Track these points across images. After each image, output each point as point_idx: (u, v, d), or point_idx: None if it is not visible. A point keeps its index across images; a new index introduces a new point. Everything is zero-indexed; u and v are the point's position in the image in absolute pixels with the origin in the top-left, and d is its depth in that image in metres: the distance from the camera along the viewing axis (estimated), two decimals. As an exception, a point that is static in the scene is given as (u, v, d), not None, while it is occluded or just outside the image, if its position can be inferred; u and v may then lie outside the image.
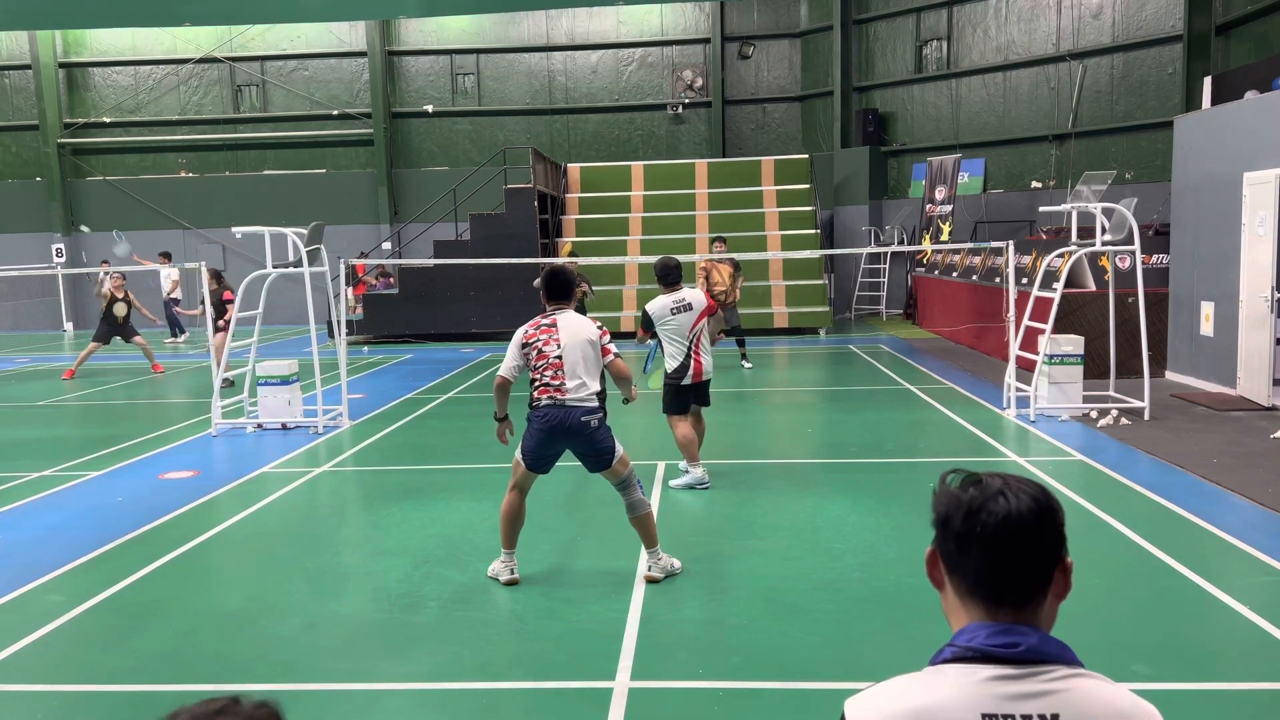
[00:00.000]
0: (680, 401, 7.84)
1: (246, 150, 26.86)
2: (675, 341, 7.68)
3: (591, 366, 5.71)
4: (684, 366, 7.72)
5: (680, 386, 7.78)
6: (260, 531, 7.16)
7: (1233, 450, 8.65)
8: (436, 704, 4.43)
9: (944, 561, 1.57)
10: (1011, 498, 1.52)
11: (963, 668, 1.49)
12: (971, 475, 1.58)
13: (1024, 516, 1.50)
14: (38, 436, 11.39)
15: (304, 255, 10.60)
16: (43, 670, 4.85)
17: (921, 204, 22.38)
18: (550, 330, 5.74)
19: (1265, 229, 10.45)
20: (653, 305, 7.71)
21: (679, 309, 7.64)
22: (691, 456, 7.85)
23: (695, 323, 7.69)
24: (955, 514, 1.54)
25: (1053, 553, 1.53)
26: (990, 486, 1.54)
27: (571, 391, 5.61)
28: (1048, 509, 1.53)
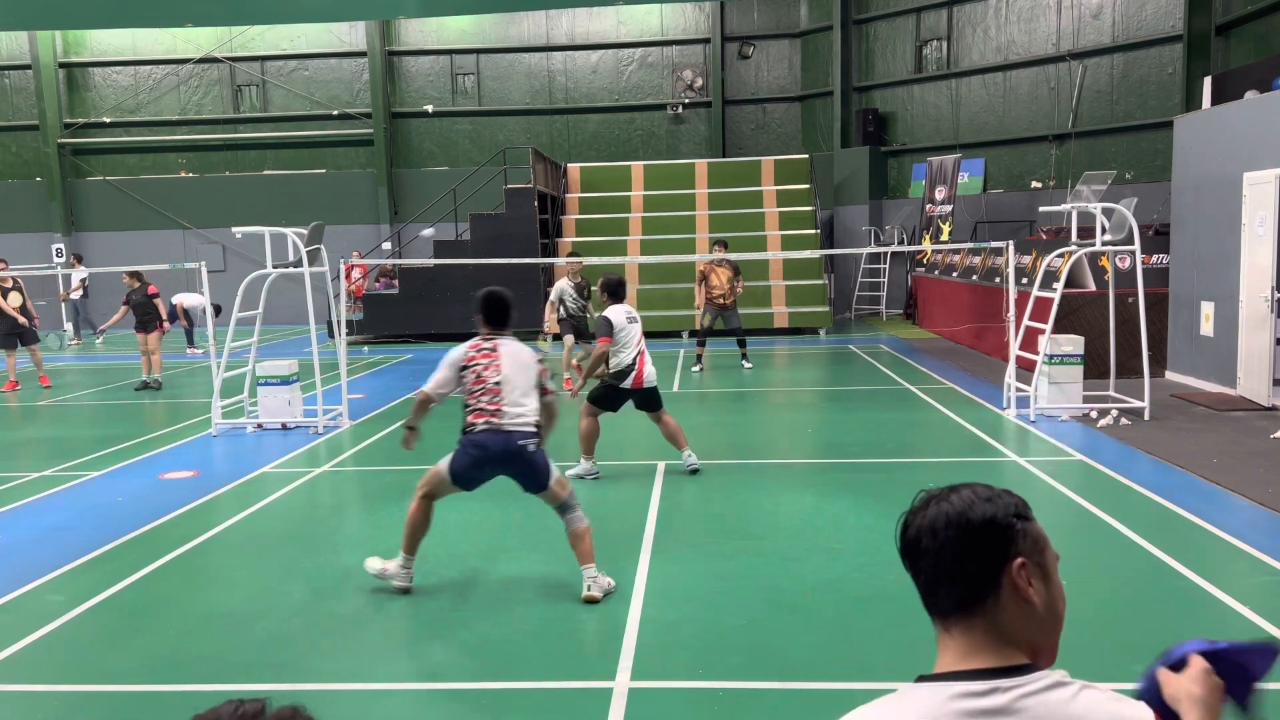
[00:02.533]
0: (608, 400, 8.28)
1: (246, 150, 26.86)
2: (623, 350, 8.19)
3: (530, 392, 5.71)
4: (627, 370, 8.16)
5: (617, 388, 8.21)
6: (260, 531, 7.15)
7: (1233, 450, 8.66)
8: (436, 704, 4.43)
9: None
10: (932, 507, 1.52)
11: (931, 686, 1.48)
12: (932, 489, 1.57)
13: (934, 524, 1.50)
14: (38, 436, 11.40)
15: (304, 255, 10.60)
16: (43, 670, 4.85)
17: (921, 204, 22.39)
18: (491, 355, 5.74)
19: (1265, 229, 10.45)
20: (613, 312, 8.26)
21: (632, 319, 8.30)
22: (588, 451, 8.41)
23: (640, 337, 8.32)
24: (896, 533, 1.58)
25: (985, 556, 1.47)
26: (928, 496, 1.55)
27: (509, 416, 5.55)
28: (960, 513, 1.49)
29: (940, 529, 1.49)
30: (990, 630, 1.48)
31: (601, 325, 8.23)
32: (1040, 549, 1.52)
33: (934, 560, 1.50)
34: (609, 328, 8.18)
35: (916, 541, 1.52)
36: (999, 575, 1.47)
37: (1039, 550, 1.52)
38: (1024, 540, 1.50)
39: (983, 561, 1.48)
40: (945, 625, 1.52)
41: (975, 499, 1.51)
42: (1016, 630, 1.48)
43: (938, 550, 1.49)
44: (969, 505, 1.50)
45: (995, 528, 1.48)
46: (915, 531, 1.52)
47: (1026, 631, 1.49)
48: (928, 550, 1.50)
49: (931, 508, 1.52)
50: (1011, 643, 1.48)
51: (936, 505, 1.52)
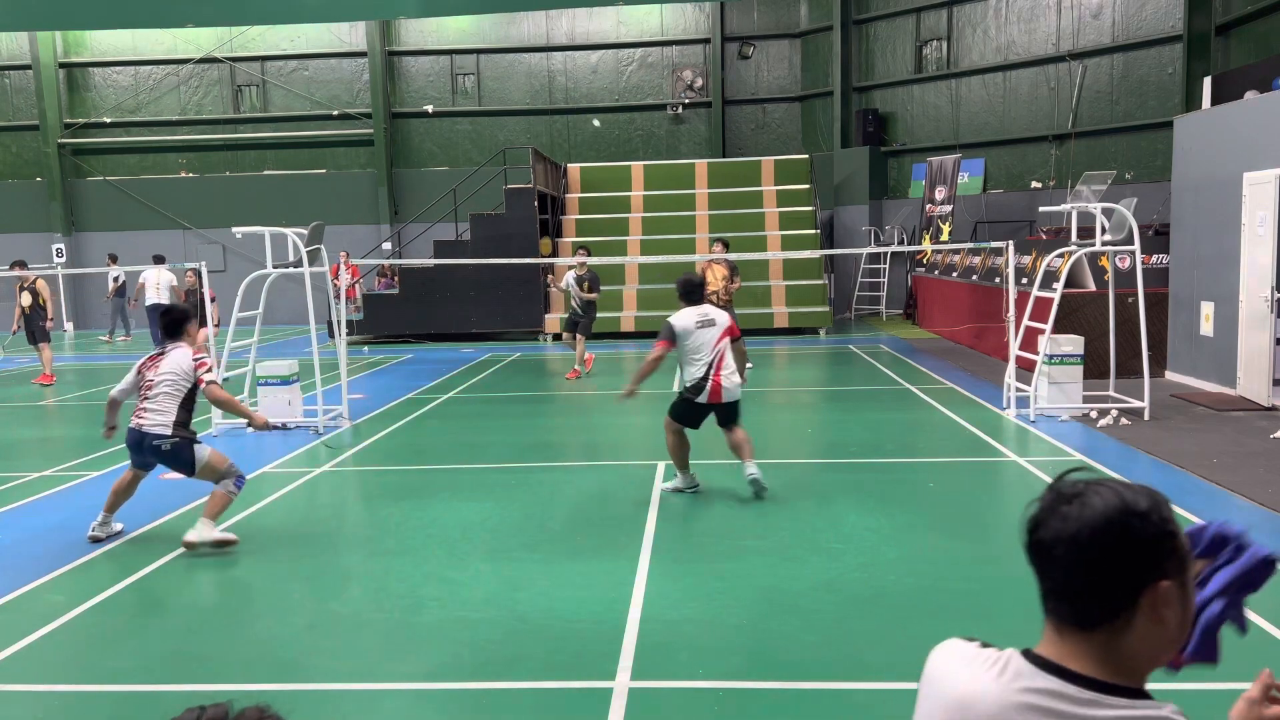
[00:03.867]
0: (688, 415, 7.54)
1: (246, 150, 26.86)
2: (692, 362, 7.40)
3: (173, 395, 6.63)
4: (701, 383, 7.38)
5: (694, 403, 7.45)
6: (260, 531, 7.15)
7: (1233, 450, 8.66)
8: (436, 704, 4.43)
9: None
10: (1076, 508, 1.37)
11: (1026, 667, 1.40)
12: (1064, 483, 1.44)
13: (1077, 535, 1.36)
14: (38, 436, 11.40)
15: (304, 255, 10.60)
16: (43, 670, 4.85)
17: (921, 204, 22.39)
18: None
19: (1265, 229, 10.45)
20: (678, 318, 7.46)
21: (703, 324, 7.41)
22: (682, 465, 7.67)
23: (718, 340, 7.43)
24: (1022, 525, 1.44)
25: (1125, 572, 1.35)
26: (1062, 495, 1.41)
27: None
28: (1119, 522, 1.35)
29: (1084, 542, 1.35)
30: (1109, 646, 1.38)
31: (662, 329, 7.51)
32: (1185, 564, 1.39)
33: (1067, 572, 1.37)
34: (669, 333, 7.42)
35: (1051, 548, 1.38)
36: (1138, 596, 1.35)
37: (1183, 567, 1.39)
38: (1172, 559, 1.37)
39: (1124, 583, 1.35)
40: (1058, 628, 1.41)
41: (1126, 509, 1.36)
42: (1137, 650, 1.38)
43: (1074, 563, 1.36)
44: (1118, 518, 1.35)
45: (1146, 548, 1.35)
46: (1052, 537, 1.38)
47: (1147, 651, 1.38)
48: (1062, 560, 1.37)
49: (1074, 510, 1.37)
50: (1127, 660, 1.38)
51: (1079, 508, 1.37)
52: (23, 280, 15.25)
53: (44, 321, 15.14)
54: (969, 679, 1.45)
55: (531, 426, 10.99)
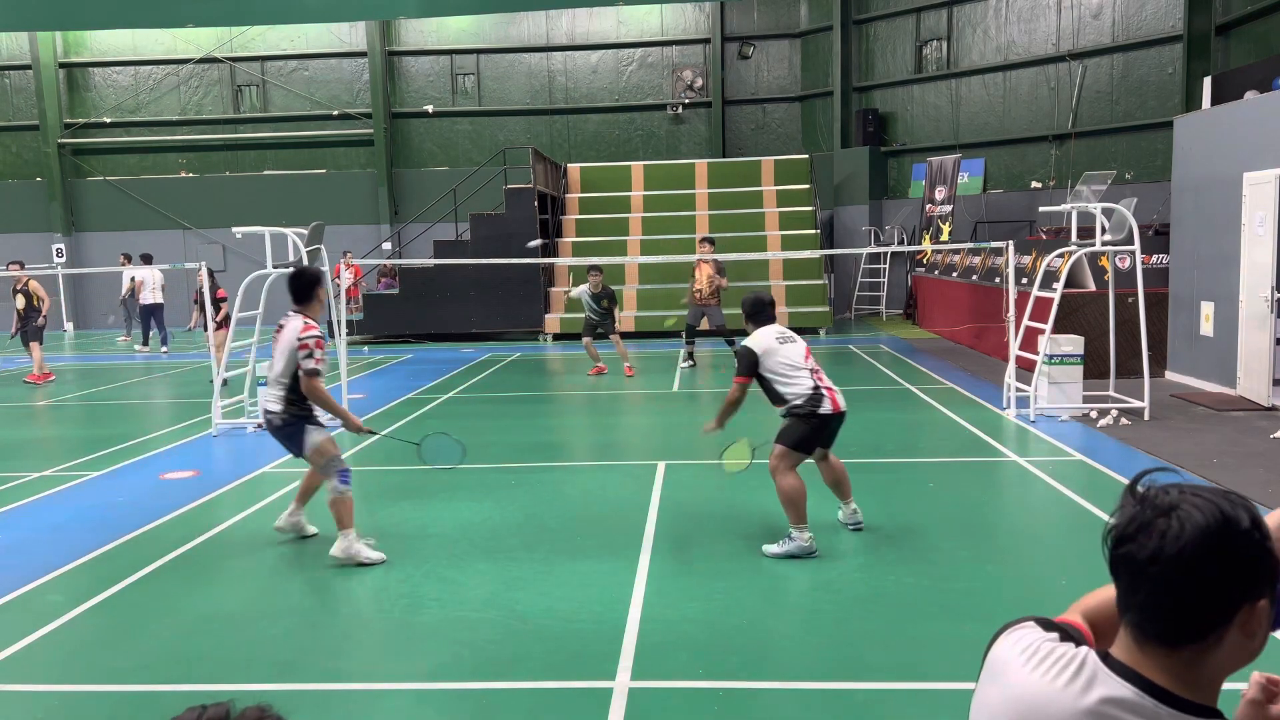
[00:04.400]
0: (811, 438, 6.37)
1: (246, 150, 26.86)
2: (791, 377, 6.33)
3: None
4: (816, 395, 6.31)
5: (816, 416, 6.29)
6: (260, 532, 7.15)
7: (1233, 450, 8.66)
8: (436, 704, 4.43)
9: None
10: (1174, 524, 1.28)
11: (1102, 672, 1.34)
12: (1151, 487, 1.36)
13: (1181, 551, 1.27)
14: (38, 436, 11.40)
15: (304, 255, 10.60)
16: (43, 670, 4.85)
17: (921, 204, 22.39)
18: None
19: (1265, 229, 10.45)
20: (755, 340, 6.44)
21: (785, 339, 6.50)
22: (801, 516, 6.25)
23: (807, 351, 6.53)
24: (1108, 535, 1.36)
25: (1225, 592, 1.28)
26: (1155, 506, 1.32)
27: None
28: (1221, 540, 1.27)
29: (1185, 563, 1.27)
30: (1194, 663, 1.31)
31: (740, 360, 6.42)
32: (1277, 578, 1.31)
33: (1161, 591, 1.29)
34: (750, 365, 6.35)
35: (1146, 566, 1.29)
36: (1234, 615, 1.28)
37: (1276, 581, 1.31)
38: (1269, 576, 1.29)
39: (1222, 604, 1.28)
40: (1140, 641, 1.34)
41: (1228, 526, 1.27)
42: (1222, 666, 1.31)
43: (1170, 583, 1.29)
44: (1221, 537, 1.27)
45: (1248, 568, 1.28)
46: (1148, 555, 1.29)
47: (1230, 667, 1.32)
48: (1158, 579, 1.29)
49: (1172, 526, 1.29)
50: (1209, 677, 1.32)
51: (1178, 524, 1.28)
52: (16, 282, 15.18)
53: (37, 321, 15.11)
54: (1040, 682, 1.37)
55: (531, 426, 10.99)
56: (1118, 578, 1.35)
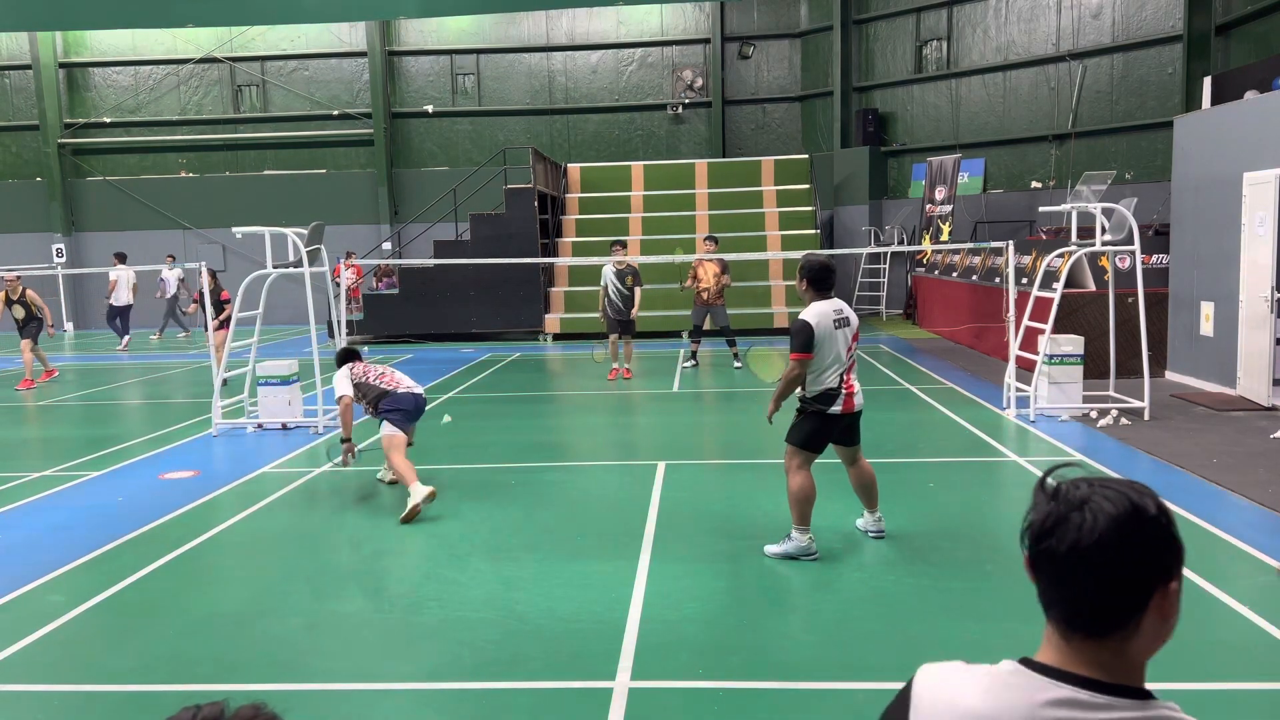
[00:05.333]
0: (819, 436, 6.08)
1: (246, 150, 26.86)
2: (823, 368, 6.01)
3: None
4: (834, 391, 6.01)
5: (826, 415, 6.04)
6: (260, 531, 7.16)
7: (1233, 450, 8.65)
8: (436, 704, 4.43)
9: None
10: (1088, 516, 1.34)
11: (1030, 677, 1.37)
12: (1062, 483, 1.41)
13: (1098, 541, 1.32)
14: (38, 436, 11.40)
15: (304, 255, 10.60)
16: (43, 670, 4.85)
17: (921, 204, 22.39)
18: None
19: (1265, 229, 10.45)
20: (814, 315, 5.93)
21: (840, 321, 6.02)
22: (805, 517, 6.07)
23: (852, 343, 6.12)
24: (1025, 533, 1.40)
25: (1142, 577, 1.33)
26: (1068, 502, 1.37)
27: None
28: (1133, 528, 1.33)
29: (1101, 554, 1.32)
30: (1120, 650, 1.36)
31: (796, 334, 5.95)
32: (1182, 560, 1.38)
33: (1082, 584, 1.34)
34: (807, 340, 5.89)
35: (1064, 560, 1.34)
36: (1150, 598, 1.34)
37: (1181, 563, 1.38)
38: (1178, 559, 1.36)
39: (1139, 589, 1.34)
40: (1066, 635, 1.38)
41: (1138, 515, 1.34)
42: (1143, 651, 1.37)
43: (1089, 575, 1.33)
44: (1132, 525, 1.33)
45: (1158, 552, 1.34)
46: (1066, 550, 1.34)
47: (1149, 651, 1.37)
48: (1077, 572, 1.34)
49: (1086, 519, 1.34)
50: (1133, 662, 1.37)
51: (1091, 517, 1.34)
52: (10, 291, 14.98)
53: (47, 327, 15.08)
54: (984, 696, 1.38)
55: (531, 426, 10.99)
56: (1039, 575, 1.39)
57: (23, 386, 14.62)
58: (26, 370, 14.86)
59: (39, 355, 15.13)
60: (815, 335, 5.89)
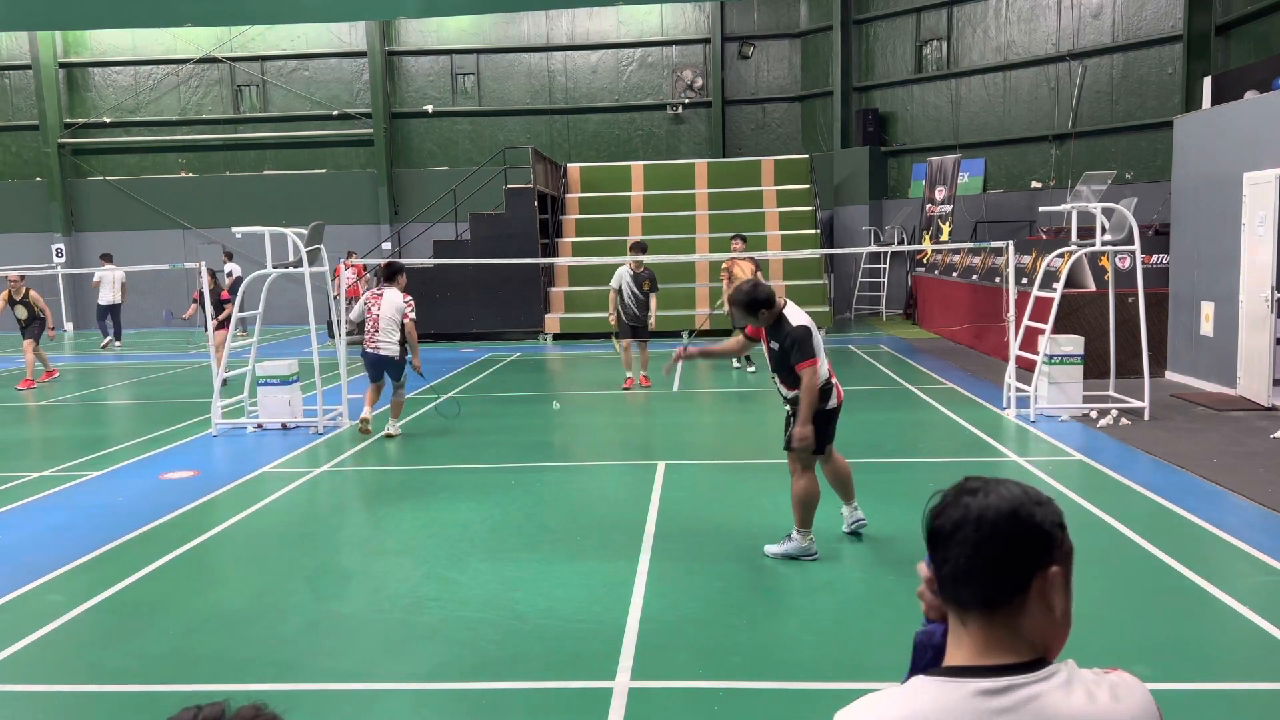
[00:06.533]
0: (821, 434, 6.10)
1: (246, 150, 26.86)
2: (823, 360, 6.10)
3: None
4: (827, 389, 6.09)
5: (824, 411, 6.08)
6: (260, 531, 7.16)
7: (1233, 450, 8.65)
8: (436, 704, 4.43)
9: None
10: (974, 501, 1.48)
11: (946, 681, 1.46)
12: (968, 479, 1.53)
13: (980, 516, 1.46)
14: (38, 436, 11.40)
15: (304, 255, 10.60)
16: (43, 670, 4.85)
17: (921, 204, 22.39)
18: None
19: (1265, 229, 10.45)
20: (799, 317, 6.06)
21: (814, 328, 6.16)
22: (808, 521, 6.12)
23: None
24: (924, 517, 1.54)
25: (1016, 558, 1.45)
26: (963, 490, 1.51)
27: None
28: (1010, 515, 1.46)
29: (987, 523, 1.46)
30: (1009, 629, 1.47)
31: (803, 342, 5.90)
32: (1070, 561, 1.50)
33: (970, 553, 1.46)
34: (817, 342, 5.96)
35: (954, 531, 1.48)
36: (1030, 580, 1.46)
37: (1069, 562, 1.50)
38: (1059, 550, 1.48)
39: (1020, 564, 1.46)
40: (962, 618, 1.49)
41: (1026, 499, 1.48)
42: (1032, 633, 1.47)
43: (977, 544, 1.46)
44: (1019, 505, 1.47)
45: (1041, 533, 1.47)
46: (955, 521, 1.48)
47: (1041, 634, 1.48)
48: (965, 542, 1.46)
49: (977, 499, 1.48)
50: (1025, 641, 1.47)
51: (983, 498, 1.48)
52: (13, 291, 14.99)
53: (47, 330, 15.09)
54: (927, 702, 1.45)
55: (531, 426, 10.99)
56: (934, 554, 1.51)
57: (23, 386, 14.62)
58: (27, 370, 14.86)
59: (40, 356, 15.13)
60: (814, 332, 5.98)
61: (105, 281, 21.14)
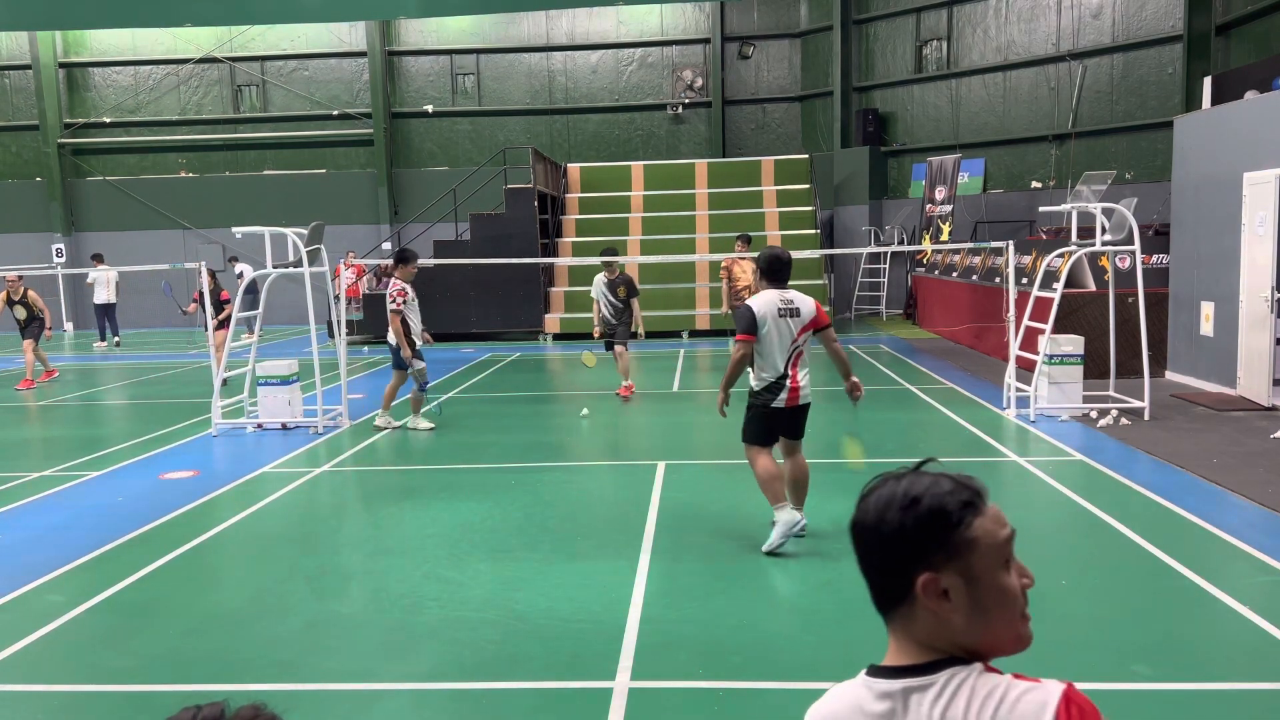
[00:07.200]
0: (764, 429, 6.32)
1: (246, 150, 26.86)
2: (766, 358, 6.21)
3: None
4: (777, 384, 6.21)
5: (769, 410, 6.25)
6: (260, 531, 7.15)
7: (1233, 450, 8.65)
8: (436, 704, 4.42)
9: None
10: (870, 499, 1.43)
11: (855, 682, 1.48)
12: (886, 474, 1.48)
13: (858, 524, 1.44)
14: (38, 436, 11.40)
15: (304, 255, 10.60)
16: (43, 670, 4.85)
17: (921, 204, 22.39)
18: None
19: (1265, 229, 10.45)
20: (758, 301, 6.21)
21: (786, 311, 6.20)
22: (776, 495, 6.25)
23: (800, 333, 6.24)
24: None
25: (894, 564, 1.40)
26: (867, 489, 1.46)
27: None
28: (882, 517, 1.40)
29: (860, 532, 1.44)
30: (905, 631, 1.43)
31: (739, 318, 6.23)
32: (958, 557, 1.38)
33: (859, 554, 1.45)
34: (749, 323, 6.14)
35: (851, 534, 1.46)
36: (910, 586, 1.39)
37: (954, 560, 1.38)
38: (940, 553, 1.37)
39: (893, 571, 1.40)
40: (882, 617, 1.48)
41: (891, 502, 1.41)
42: (932, 638, 1.40)
43: (857, 551, 1.45)
44: (882, 509, 1.41)
45: (902, 539, 1.39)
46: (852, 522, 1.46)
47: (944, 639, 1.40)
48: (855, 544, 1.45)
49: (866, 502, 1.44)
50: (930, 647, 1.40)
51: (869, 500, 1.44)
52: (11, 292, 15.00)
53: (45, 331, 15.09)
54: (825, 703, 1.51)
55: (531, 426, 10.99)
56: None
57: (23, 386, 14.61)
58: (27, 370, 14.86)
59: (40, 356, 15.13)
60: (756, 317, 6.12)
61: (99, 281, 21.17)
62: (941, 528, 1.38)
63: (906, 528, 1.38)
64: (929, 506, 1.39)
